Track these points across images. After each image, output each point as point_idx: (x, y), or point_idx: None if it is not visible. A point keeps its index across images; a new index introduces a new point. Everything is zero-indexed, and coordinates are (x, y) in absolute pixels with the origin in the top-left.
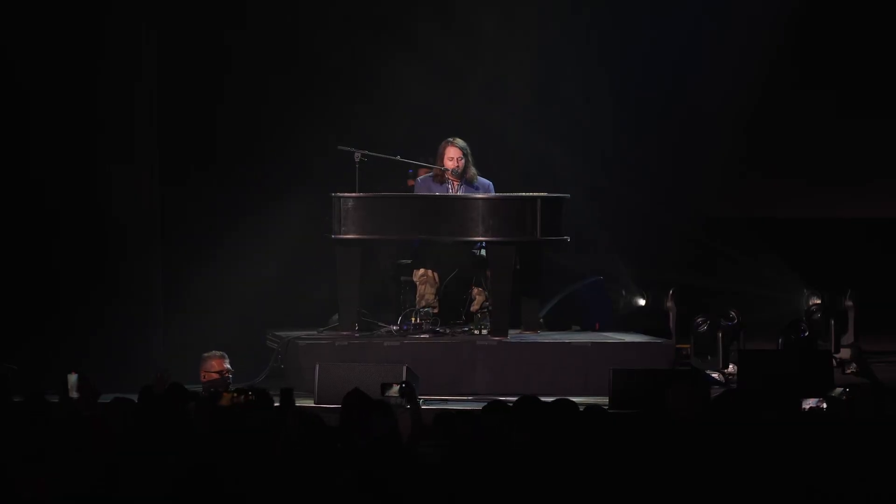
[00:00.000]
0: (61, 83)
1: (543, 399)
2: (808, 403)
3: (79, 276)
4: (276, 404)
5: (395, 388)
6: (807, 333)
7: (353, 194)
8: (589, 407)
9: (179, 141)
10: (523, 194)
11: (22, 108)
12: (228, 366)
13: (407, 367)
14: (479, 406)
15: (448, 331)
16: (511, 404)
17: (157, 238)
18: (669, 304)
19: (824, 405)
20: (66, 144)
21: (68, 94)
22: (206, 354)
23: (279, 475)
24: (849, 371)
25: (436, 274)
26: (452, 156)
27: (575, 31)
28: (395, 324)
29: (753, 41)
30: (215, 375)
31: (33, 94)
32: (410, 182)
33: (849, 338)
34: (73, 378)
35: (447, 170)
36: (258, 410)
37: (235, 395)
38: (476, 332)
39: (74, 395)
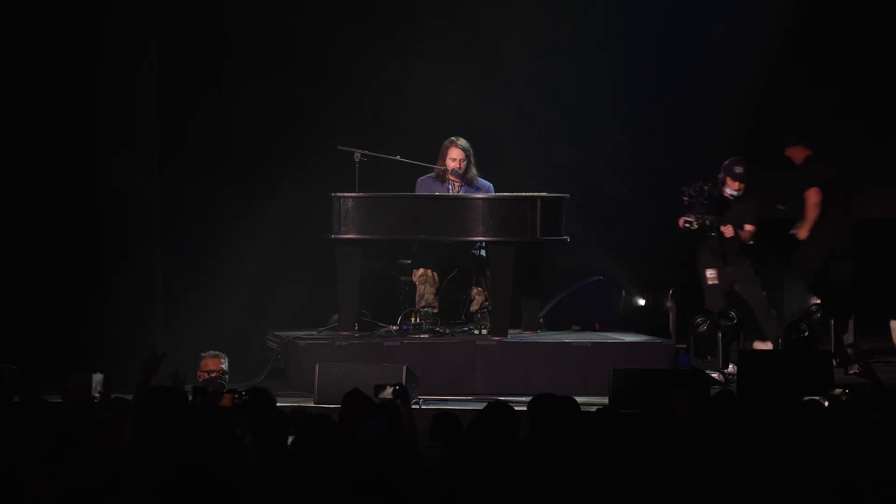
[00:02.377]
0: (65, 83)
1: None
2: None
3: (79, 276)
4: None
5: (389, 389)
6: (807, 333)
7: (353, 194)
8: (601, 409)
9: (180, 141)
10: (523, 194)
11: (21, 108)
12: (224, 366)
13: (407, 367)
14: (479, 406)
15: (448, 331)
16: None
17: (157, 237)
18: (669, 303)
19: (826, 404)
20: (65, 144)
21: (71, 94)
22: (203, 354)
23: (279, 475)
24: (851, 371)
25: (435, 274)
26: (455, 156)
27: (576, 31)
28: (395, 324)
29: (754, 41)
30: (208, 375)
31: (38, 94)
32: None
33: (849, 338)
34: (98, 377)
35: (448, 170)
36: (261, 410)
37: (236, 395)
38: (476, 332)
39: (96, 395)
